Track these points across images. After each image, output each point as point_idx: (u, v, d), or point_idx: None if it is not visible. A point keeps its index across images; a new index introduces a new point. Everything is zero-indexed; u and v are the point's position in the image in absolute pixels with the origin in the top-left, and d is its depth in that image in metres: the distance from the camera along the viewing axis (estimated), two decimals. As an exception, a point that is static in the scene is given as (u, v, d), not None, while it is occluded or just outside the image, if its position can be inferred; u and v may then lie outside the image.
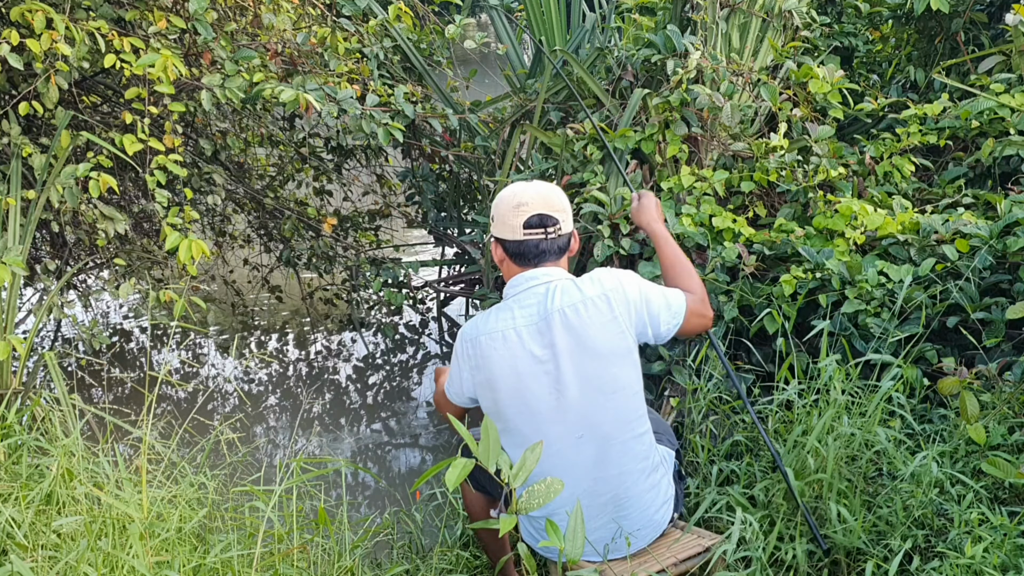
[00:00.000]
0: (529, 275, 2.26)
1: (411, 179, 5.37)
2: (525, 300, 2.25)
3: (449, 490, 2.17)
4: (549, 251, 2.26)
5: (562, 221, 2.27)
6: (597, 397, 2.20)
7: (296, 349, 5.99)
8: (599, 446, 2.24)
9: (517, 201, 2.24)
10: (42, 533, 2.37)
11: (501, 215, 2.27)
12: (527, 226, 2.23)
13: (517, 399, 2.23)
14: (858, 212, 3.47)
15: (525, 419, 2.24)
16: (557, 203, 2.27)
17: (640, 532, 2.36)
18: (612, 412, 2.22)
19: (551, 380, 2.21)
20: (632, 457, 2.27)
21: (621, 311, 2.21)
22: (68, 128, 3.54)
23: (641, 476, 2.30)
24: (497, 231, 2.29)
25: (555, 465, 2.23)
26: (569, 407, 2.21)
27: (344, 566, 2.50)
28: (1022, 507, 2.44)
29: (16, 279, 3.41)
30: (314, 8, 4.60)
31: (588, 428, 2.22)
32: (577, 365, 2.19)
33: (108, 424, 2.97)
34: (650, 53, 4.08)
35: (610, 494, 2.28)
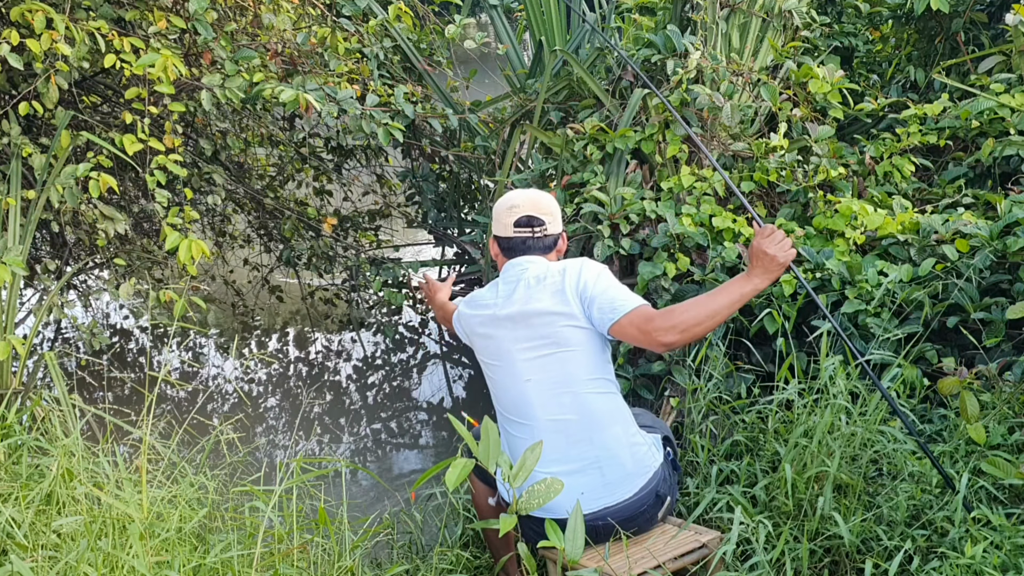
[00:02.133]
0: (515, 262, 2.66)
1: (411, 179, 5.37)
2: (508, 277, 2.65)
3: (449, 490, 2.18)
4: (534, 247, 2.65)
5: (548, 223, 2.65)
6: (544, 349, 2.53)
7: (296, 349, 5.99)
8: (551, 393, 2.52)
9: (511, 204, 2.66)
10: (42, 533, 2.37)
11: (497, 215, 2.69)
12: (516, 225, 2.63)
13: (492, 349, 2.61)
14: (858, 212, 3.47)
15: (496, 366, 2.61)
16: (545, 207, 2.66)
17: (614, 486, 2.48)
18: (560, 364, 2.51)
19: (511, 331, 2.57)
20: (592, 410, 2.49)
21: (570, 284, 2.55)
22: (68, 128, 3.54)
23: (607, 430, 2.49)
24: (494, 230, 2.71)
25: (517, 403, 2.56)
26: (522, 355, 2.55)
27: (344, 566, 2.50)
28: (1022, 507, 2.44)
29: (16, 279, 3.41)
30: (314, 8, 4.60)
31: (536, 374, 2.53)
32: (530, 322, 2.55)
33: (108, 424, 2.97)
34: (650, 53, 4.08)
35: (579, 435, 2.49)
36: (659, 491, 2.54)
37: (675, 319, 2.40)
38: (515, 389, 2.56)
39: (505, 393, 2.60)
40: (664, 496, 2.56)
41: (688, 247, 3.62)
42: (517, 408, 2.56)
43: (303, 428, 4.69)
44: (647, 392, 3.62)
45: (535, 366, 2.53)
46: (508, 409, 2.60)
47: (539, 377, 2.53)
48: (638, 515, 2.50)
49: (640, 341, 2.46)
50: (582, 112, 4.32)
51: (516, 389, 2.56)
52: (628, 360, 3.69)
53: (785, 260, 2.37)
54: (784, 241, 2.39)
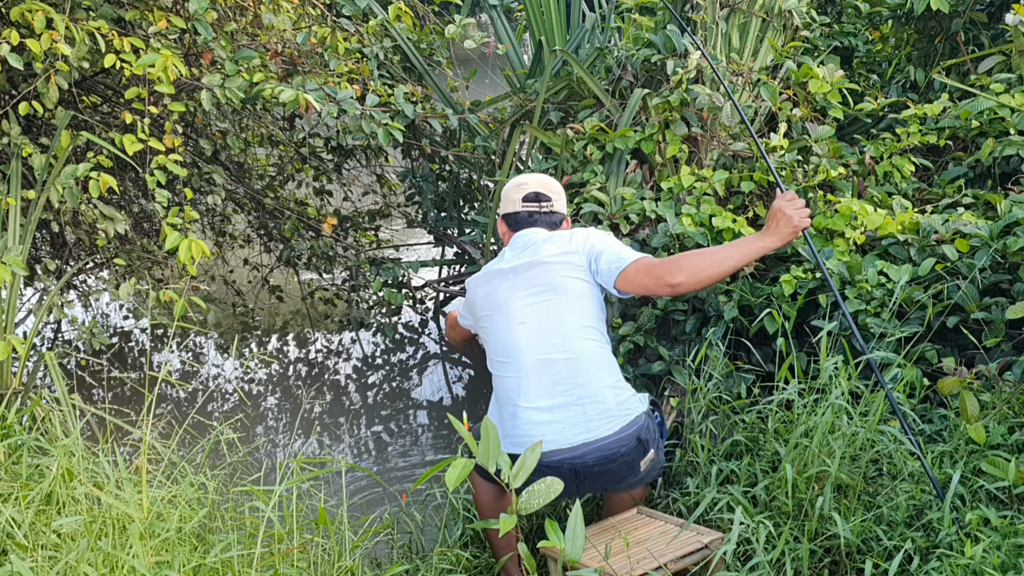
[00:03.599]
0: (523, 232, 2.82)
1: (411, 179, 5.37)
2: (515, 245, 2.82)
3: (449, 490, 2.19)
4: (541, 221, 2.83)
5: (555, 201, 2.85)
6: (541, 295, 2.67)
7: (296, 349, 5.99)
8: (542, 335, 2.64)
9: (519, 182, 2.88)
10: (42, 533, 2.37)
11: (506, 195, 2.88)
12: (525, 200, 2.83)
13: (491, 301, 2.75)
14: (858, 212, 3.47)
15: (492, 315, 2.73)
16: (552, 187, 2.87)
17: (594, 423, 2.56)
18: (554, 310, 2.65)
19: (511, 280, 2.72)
20: (580, 352, 2.61)
21: (578, 240, 2.73)
22: (68, 128, 3.54)
23: (592, 372, 2.60)
24: (502, 210, 2.89)
25: (507, 344, 2.68)
26: (519, 301, 2.69)
27: (344, 566, 2.50)
28: (1022, 507, 2.44)
29: (16, 279, 3.41)
30: (314, 8, 4.60)
31: (531, 317, 2.66)
32: (532, 272, 2.70)
33: (108, 424, 2.97)
34: (650, 53, 4.08)
35: (564, 375, 2.60)
36: (640, 436, 2.60)
37: (683, 263, 2.58)
38: (507, 331, 2.68)
39: (497, 338, 2.71)
40: (647, 444, 2.61)
41: (688, 247, 3.62)
42: (507, 349, 2.66)
43: (303, 428, 4.69)
44: (647, 392, 3.62)
45: (531, 311, 2.66)
46: (497, 351, 2.70)
47: (532, 320, 2.65)
48: (618, 457, 2.54)
49: (648, 286, 2.61)
50: (582, 112, 4.32)
51: (508, 331, 2.68)
52: (628, 360, 3.69)
53: (799, 224, 2.51)
54: (803, 208, 2.48)
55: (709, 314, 3.53)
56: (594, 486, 2.62)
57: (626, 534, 2.61)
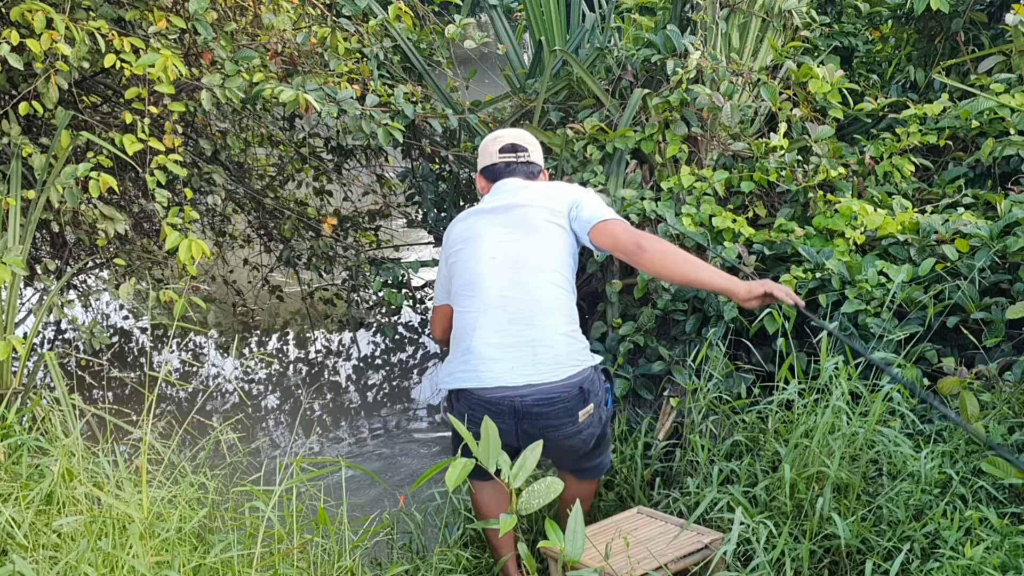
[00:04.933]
0: (502, 182, 2.84)
1: (411, 179, 5.37)
2: (495, 192, 2.84)
3: (450, 490, 2.19)
4: (519, 171, 2.86)
5: (531, 151, 2.89)
6: (515, 233, 2.70)
7: (296, 349, 5.99)
8: (509, 272, 2.66)
9: (495, 136, 2.90)
10: (42, 533, 2.37)
11: (483, 149, 2.91)
12: (501, 151, 2.86)
13: (465, 235, 2.76)
14: (858, 212, 3.47)
15: (463, 249, 2.73)
16: (527, 139, 2.91)
17: (542, 366, 2.58)
18: (526, 248, 2.67)
19: (489, 218, 2.75)
20: (542, 296, 2.64)
21: (560, 188, 2.80)
22: (68, 128, 3.54)
23: (548, 316, 2.63)
24: (480, 164, 2.91)
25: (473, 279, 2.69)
26: (492, 236, 2.71)
27: (344, 566, 2.50)
28: (1022, 507, 2.44)
29: (16, 279, 3.41)
30: (314, 8, 4.60)
31: (501, 253, 2.68)
32: (511, 212, 2.73)
33: (108, 424, 2.97)
34: (650, 53, 4.08)
35: (521, 315, 2.62)
36: (583, 387, 2.61)
37: (661, 244, 2.62)
38: (475, 265, 2.69)
39: (464, 270, 2.71)
40: (587, 395, 2.62)
41: (688, 247, 3.62)
42: (472, 283, 2.67)
43: (303, 428, 4.69)
44: (647, 392, 3.62)
45: (502, 247, 2.69)
46: (463, 285, 2.70)
47: (502, 256, 2.67)
48: (558, 401, 2.57)
49: (620, 244, 2.65)
50: (582, 112, 4.32)
51: (476, 265, 2.69)
52: (628, 360, 3.69)
53: (776, 294, 2.48)
54: (790, 295, 2.52)
55: (709, 314, 3.53)
56: (532, 428, 2.60)
57: (626, 534, 2.61)
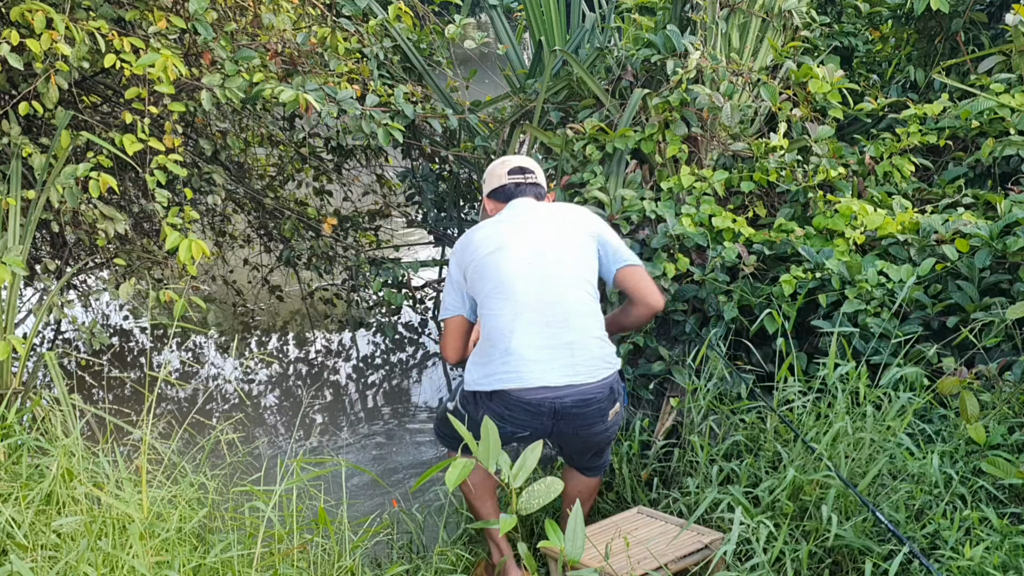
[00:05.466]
0: (515, 201, 2.90)
1: (411, 179, 5.37)
2: (513, 207, 2.88)
3: (450, 490, 2.19)
4: (528, 192, 2.92)
5: (537, 174, 2.97)
6: (548, 241, 2.78)
7: (296, 349, 5.99)
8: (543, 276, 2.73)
9: (502, 160, 2.99)
10: (42, 533, 2.37)
11: (491, 173, 2.98)
12: (510, 173, 2.93)
13: (496, 246, 2.78)
14: (858, 212, 3.47)
15: (496, 251, 2.76)
16: (532, 163, 2.99)
17: (580, 367, 2.68)
18: (561, 257, 2.76)
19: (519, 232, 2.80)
20: (577, 293, 2.74)
21: (585, 216, 2.89)
22: (68, 128, 3.54)
23: (583, 319, 2.73)
24: (488, 188, 2.97)
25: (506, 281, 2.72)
26: (529, 240, 2.77)
27: (344, 566, 2.50)
28: (1022, 507, 2.44)
29: (16, 279, 3.41)
30: (314, 8, 4.60)
31: (537, 258, 2.74)
32: (543, 224, 2.82)
33: (108, 424, 2.97)
34: (650, 53, 4.07)
35: (557, 318, 2.71)
36: (613, 387, 2.75)
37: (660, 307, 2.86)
38: (507, 267, 2.74)
39: (495, 274, 2.74)
40: (615, 394, 2.77)
41: (688, 247, 3.62)
42: (505, 285, 2.72)
43: (303, 428, 4.69)
44: (647, 392, 3.62)
45: (533, 252, 2.75)
46: (495, 288, 2.73)
47: (535, 260, 2.74)
48: (594, 402, 2.69)
49: (640, 294, 2.81)
50: (582, 112, 4.31)
51: (508, 267, 2.74)
52: (628, 360, 3.69)
53: None
54: None
55: (709, 314, 3.53)
56: (568, 427, 2.72)
57: (626, 534, 2.61)
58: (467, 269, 2.81)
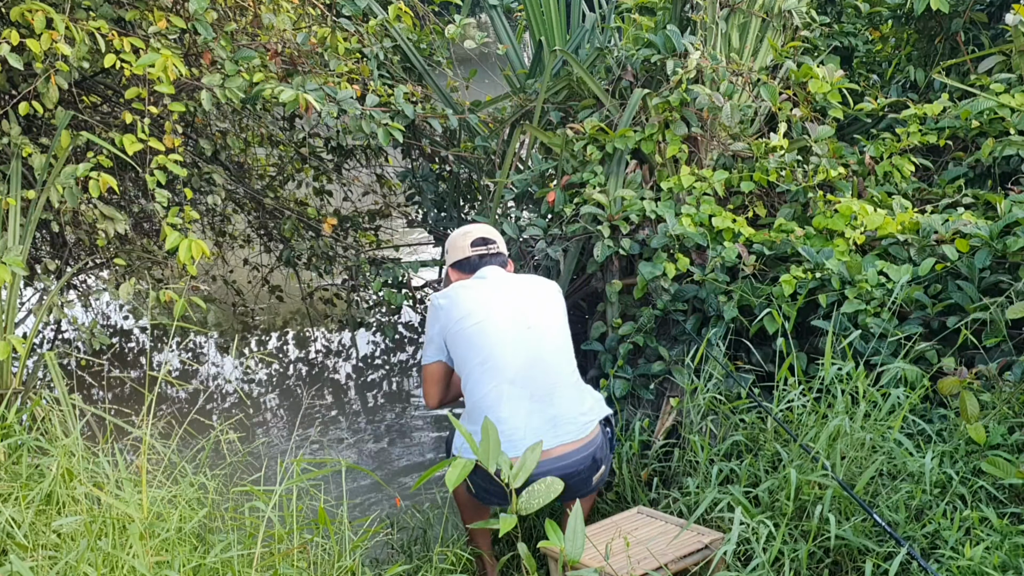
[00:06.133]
0: (482, 271, 2.95)
1: (411, 179, 5.37)
2: (483, 275, 2.93)
3: (450, 490, 2.20)
4: (491, 262, 2.97)
5: (499, 244, 3.03)
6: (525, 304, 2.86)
7: (296, 349, 5.99)
8: (528, 344, 2.80)
9: (463, 232, 3.04)
10: (42, 533, 2.37)
11: (453, 244, 3.03)
12: (473, 244, 2.98)
13: (481, 316, 2.81)
14: (858, 212, 3.47)
15: (485, 329, 2.79)
16: (494, 233, 3.06)
17: (567, 427, 2.77)
18: (539, 319, 2.84)
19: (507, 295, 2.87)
20: (559, 363, 2.84)
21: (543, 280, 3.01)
22: (68, 128, 3.54)
23: (568, 380, 2.85)
24: (451, 258, 3.02)
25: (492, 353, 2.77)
26: (511, 317, 2.82)
27: (344, 566, 2.49)
28: (1022, 507, 2.44)
29: (16, 279, 3.41)
30: (314, 8, 4.60)
31: (517, 326, 2.81)
32: (522, 296, 2.89)
33: (108, 424, 2.97)
34: (650, 53, 4.07)
35: (541, 391, 2.78)
36: (596, 456, 2.83)
37: None
38: (491, 340, 2.79)
39: (480, 347, 2.78)
40: (599, 462, 2.85)
41: (688, 247, 3.62)
42: (489, 360, 2.77)
43: (303, 428, 4.69)
44: (647, 392, 3.62)
45: (519, 321, 2.81)
46: (482, 362, 2.78)
47: (521, 332, 2.79)
48: (575, 475, 2.78)
49: None
50: (582, 112, 4.31)
51: (491, 340, 2.79)
52: (628, 360, 3.69)
53: None
54: None
55: (709, 314, 3.53)
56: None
57: (626, 534, 2.61)
58: (447, 335, 2.86)
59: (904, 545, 2.21)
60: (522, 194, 4.51)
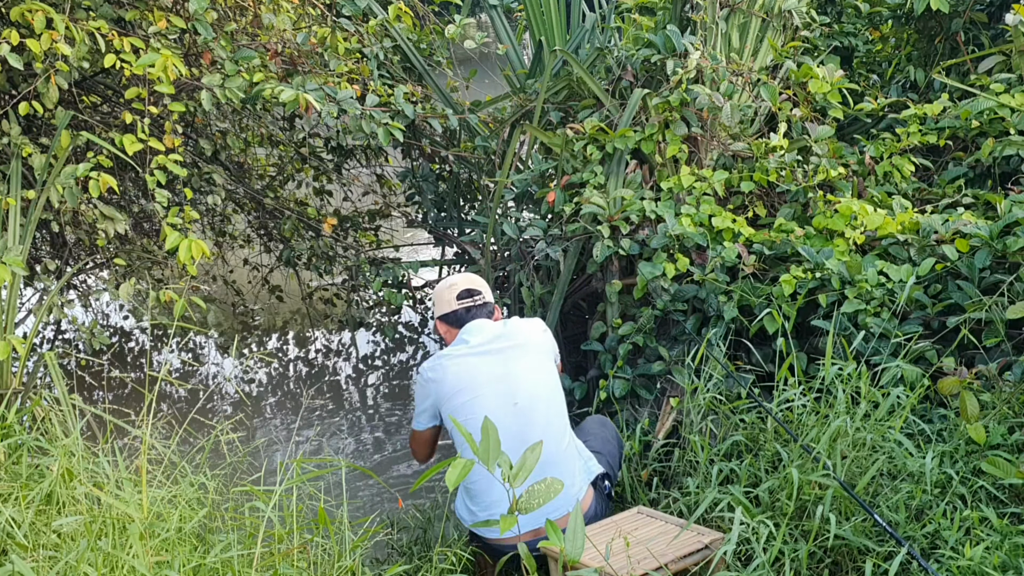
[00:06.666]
0: (469, 325, 2.93)
1: (411, 179, 5.37)
2: (472, 332, 2.90)
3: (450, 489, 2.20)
4: (478, 315, 2.97)
5: (484, 293, 3.02)
6: (513, 371, 2.83)
7: (296, 349, 5.99)
8: (519, 421, 2.78)
9: (449, 284, 3.02)
10: (42, 533, 2.37)
11: (439, 297, 3.01)
12: (459, 298, 2.97)
13: (468, 396, 2.81)
14: (858, 212, 3.47)
15: (473, 409, 2.78)
16: (479, 282, 3.04)
17: (556, 503, 2.72)
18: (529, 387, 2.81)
19: (495, 365, 2.84)
20: (548, 437, 2.72)
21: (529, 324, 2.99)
22: (68, 128, 3.54)
23: (557, 451, 2.80)
24: (438, 311, 3.01)
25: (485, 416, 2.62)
26: (502, 392, 2.80)
27: (344, 566, 2.49)
28: (1022, 507, 2.44)
29: (16, 279, 3.41)
30: (314, 8, 4.60)
31: (507, 403, 2.79)
32: (513, 356, 2.85)
33: (108, 424, 2.97)
34: (650, 53, 4.07)
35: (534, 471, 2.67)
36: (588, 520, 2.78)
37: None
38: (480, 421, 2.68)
39: (472, 424, 2.72)
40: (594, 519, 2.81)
41: (688, 247, 3.62)
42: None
43: (303, 428, 4.69)
44: (647, 392, 3.62)
45: (509, 395, 2.79)
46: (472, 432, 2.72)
47: (512, 408, 2.78)
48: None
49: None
50: (582, 112, 4.32)
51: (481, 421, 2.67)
52: (628, 360, 3.69)
53: None
54: None
55: (709, 314, 3.53)
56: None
57: (626, 534, 2.61)
58: (439, 409, 2.88)
59: (904, 545, 2.21)
60: (522, 194, 4.51)
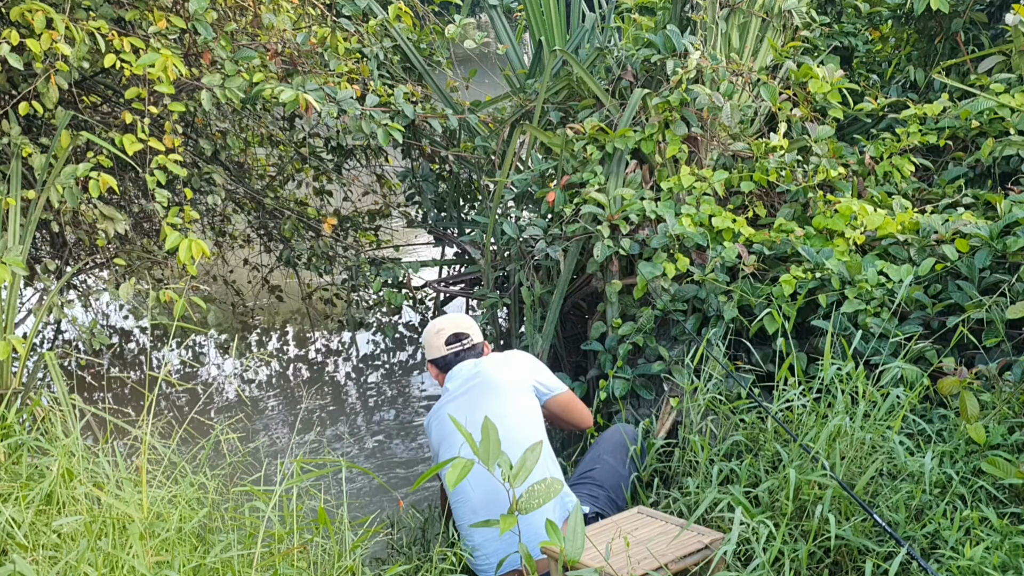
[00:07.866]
0: (455, 369, 3.05)
1: (411, 179, 5.37)
2: (454, 378, 3.02)
3: (450, 489, 2.20)
4: (466, 357, 3.06)
5: (472, 335, 3.11)
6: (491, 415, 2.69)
7: (296, 349, 5.99)
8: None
9: (436, 329, 3.10)
10: (42, 533, 2.37)
11: (428, 342, 3.11)
12: (447, 343, 3.06)
13: (447, 452, 2.89)
14: (858, 212, 3.47)
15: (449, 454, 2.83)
16: (466, 324, 3.13)
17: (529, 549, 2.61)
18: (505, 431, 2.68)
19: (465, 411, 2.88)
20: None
21: (515, 358, 3.09)
22: (68, 128, 3.54)
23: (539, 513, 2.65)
24: (428, 355, 3.11)
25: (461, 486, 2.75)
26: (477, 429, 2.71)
27: (344, 566, 2.49)
28: (1022, 507, 2.45)
29: (16, 279, 3.41)
30: (314, 8, 4.60)
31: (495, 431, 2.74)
32: (486, 401, 2.89)
33: (108, 424, 2.97)
34: (650, 53, 4.08)
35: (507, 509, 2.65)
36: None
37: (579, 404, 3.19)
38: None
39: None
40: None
41: (688, 247, 3.62)
42: (460, 491, 2.79)
43: (303, 428, 4.69)
44: (647, 392, 3.62)
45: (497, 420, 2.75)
46: (457, 491, 2.79)
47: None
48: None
49: (572, 417, 3.16)
50: (582, 112, 4.32)
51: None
52: (628, 360, 3.69)
53: None
54: None
55: (709, 314, 3.53)
56: None
57: (626, 534, 2.61)
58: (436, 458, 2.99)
59: (904, 545, 2.21)
60: (522, 194, 4.51)
